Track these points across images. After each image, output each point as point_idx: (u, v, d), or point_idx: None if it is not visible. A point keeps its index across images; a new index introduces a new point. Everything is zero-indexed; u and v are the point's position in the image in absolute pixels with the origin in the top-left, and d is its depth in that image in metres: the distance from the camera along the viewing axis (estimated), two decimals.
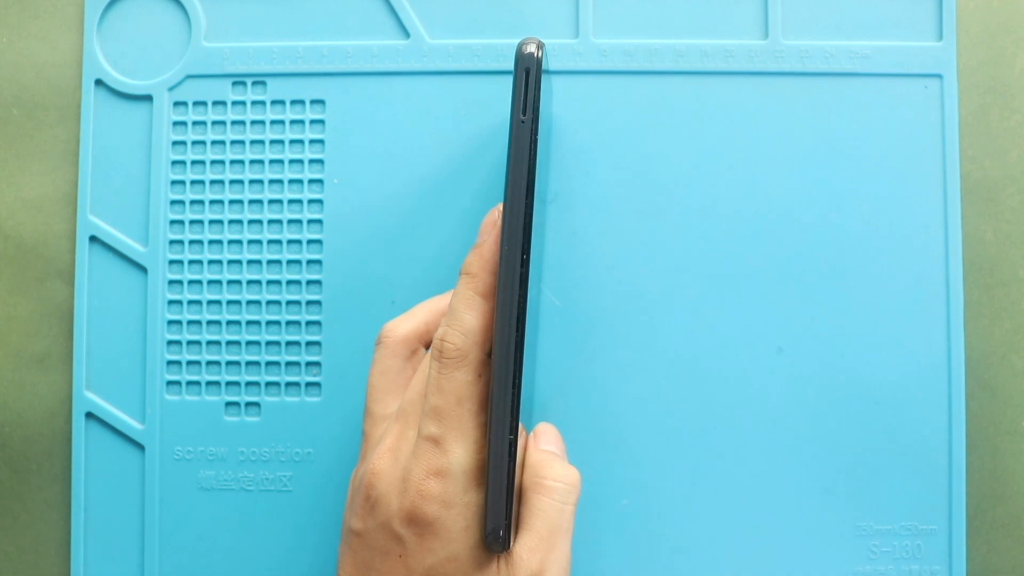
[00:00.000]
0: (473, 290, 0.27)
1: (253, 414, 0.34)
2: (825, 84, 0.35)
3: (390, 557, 0.26)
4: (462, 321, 0.26)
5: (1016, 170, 0.35)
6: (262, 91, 0.35)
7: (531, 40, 0.27)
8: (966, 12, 0.35)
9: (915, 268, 0.34)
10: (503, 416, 0.25)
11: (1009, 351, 0.35)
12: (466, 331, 0.26)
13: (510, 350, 0.26)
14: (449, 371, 0.26)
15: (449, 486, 0.26)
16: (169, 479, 0.34)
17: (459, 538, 0.26)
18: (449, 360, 0.26)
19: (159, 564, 0.34)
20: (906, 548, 0.33)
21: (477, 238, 0.28)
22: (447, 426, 0.26)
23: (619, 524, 0.33)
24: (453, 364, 0.26)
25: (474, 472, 0.26)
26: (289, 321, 0.35)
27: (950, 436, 0.34)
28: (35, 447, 0.35)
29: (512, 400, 0.26)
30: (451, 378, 0.26)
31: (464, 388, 0.26)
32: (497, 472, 0.25)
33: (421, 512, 0.26)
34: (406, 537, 0.26)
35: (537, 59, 0.26)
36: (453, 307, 0.27)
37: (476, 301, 0.27)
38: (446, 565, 0.26)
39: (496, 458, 0.25)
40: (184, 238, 0.35)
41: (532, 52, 0.26)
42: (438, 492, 0.26)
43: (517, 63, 0.26)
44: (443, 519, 0.26)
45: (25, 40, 0.36)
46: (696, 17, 0.35)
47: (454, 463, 0.26)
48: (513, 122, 0.26)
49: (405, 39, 0.35)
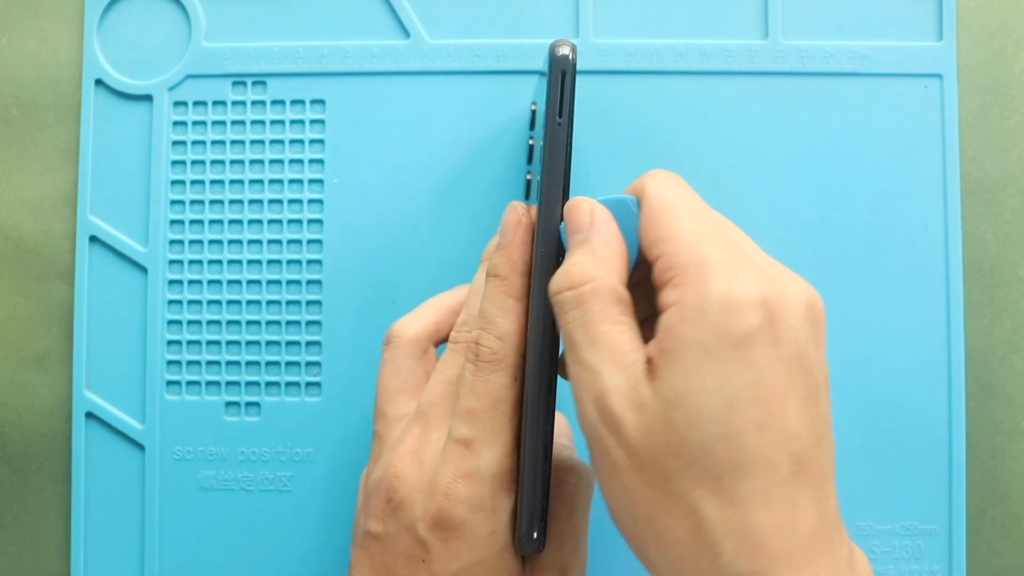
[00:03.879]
0: (505, 293, 0.26)
1: (253, 414, 0.34)
2: (825, 84, 0.35)
3: (413, 562, 0.25)
4: (497, 325, 0.26)
5: (1016, 170, 0.35)
6: (262, 91, 0.35)
7: (564, 42, 0.26)
8: (966, 12, 0.35)
9: (915, 268, 0.34)
10: (538, 418, 0.25)
11: (1009, 351, 0.35)
12: (502, 335, 0.26)
13: (545, 354, 0.25)
14: (485, 374, 0.26)
15: (478, 489, 0.25)
16: (169, 479, 0.34)
17: (486, 542, 0.25)
18: (485, 364, 0.26)
19: (159, 564, 0.34)
20: (906, 548, 0.33)
21: (500, 237, 0.27)
22: (479, 428, 0.25)
23: None
24: (489, 368, 0.26)
25: (504, 476, 0.25)
26: (289, 321, 0.35)
27: (950, 436, 0.34)
28: (35, 447, 0.35)
29: (547, 402, 0.25)
30: (487, 381, 0.26)
31: (500, 391, 0.26)
32: (532, 474, 0.25)
33: (448, 516, 0.25)
34: (431, 542, 0.25)
35: (572, 61, 0.26)
36: (485, 311, 0.26)
37: (509, 304, 0.26)
38: (472, 570, 0.25)
39: (532, 460, 0.25)
40: (184, 238, 0.35)
41: (567, 55, 0.26)
42: (467, 495, 0.25)
43: (552, 65, 0.26)
44: (471, 523, 0.25)
45: (25, 40, 0.36)
46: (696, 17, 0.35)
47: (484, 466, 0.25)
48: (548, 124, 0.26)
49: (405, 39, 0.35)
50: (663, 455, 0.22)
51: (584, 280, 0.24)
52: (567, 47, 0.26)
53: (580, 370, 0.23)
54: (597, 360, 0.23)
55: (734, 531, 0.21)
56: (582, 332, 0.23)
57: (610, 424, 0.22)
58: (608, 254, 0.24)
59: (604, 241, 0.24)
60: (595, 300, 0.23)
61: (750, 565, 0.21)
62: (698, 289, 0.22)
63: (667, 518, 0.22)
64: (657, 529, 0.22)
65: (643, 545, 0.23)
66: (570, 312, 0.24)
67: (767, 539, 0.21)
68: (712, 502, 0.21)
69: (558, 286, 0.24)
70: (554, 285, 0.24)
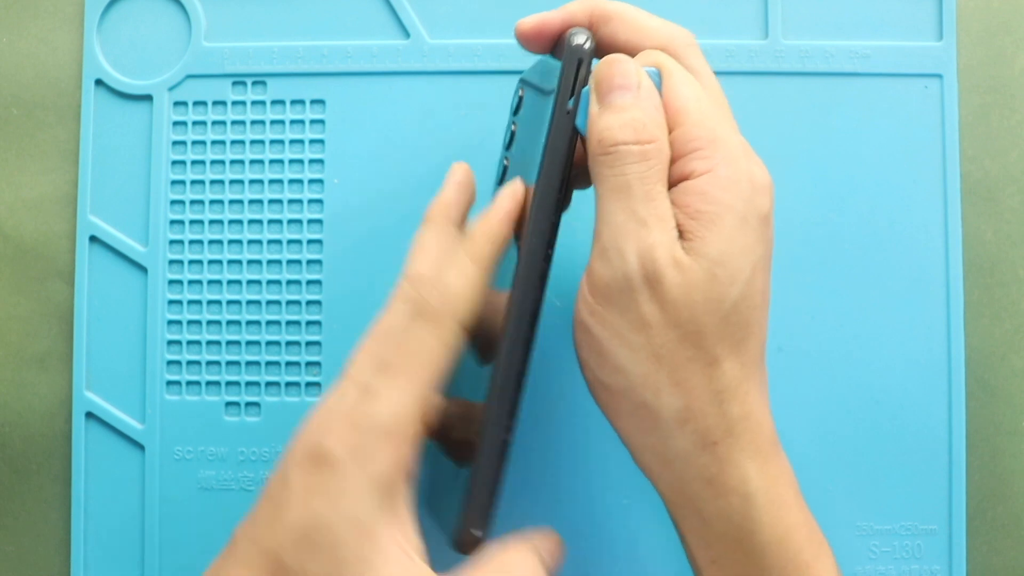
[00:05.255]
0: (467, 253, 0.25)
1: (253, 414, 0.34)
2: (825, 84, 0.35)
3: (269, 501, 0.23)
4: (446, 283, 0.25)
5: (1016, 170, 0.35)
6: (262, 91, 0.35)
7: (580, 31, 0.26)
8: (966, 12, 0.35)
9: (915, 268, 0.34)
10: (501, 415, 0.25)
11: (1009, 351, 0.35)
12: (447, 294, 0.25)
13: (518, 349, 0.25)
14: (416, 327, 0.24)
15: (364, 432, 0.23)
16: (169, 479, 0.34)
17: (353, 495, 0.23)
18: (420, 316, 0.24)
19: (159, 564, 0.34)
20: (906, 548, 0.33)
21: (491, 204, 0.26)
22: (387, 376, 0.24)
23: (620, 523, 0.33)
24: (422, 322, 0.24)
25: (390, 428, 0.23)
26: (289, 321, 0.35)
27: (950, 436, 0.34)
28: (35, 447, 0.35)
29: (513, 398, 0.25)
30: (414, 334, 0.24)
31: (422, 345, 0.24)
32: (485, 471, 0.25)
33: (321, 450, 0.23)
34: (294, 477, 0.23)
35: (588, 51, 0.26)
36: (441, 264, 0.25)
37: (466, 266, 0.25)
38: (325, 518, 0.22)
39: (487, 457, 0.25)
40: (184, 238, 0.35)
41: (581, 43, 0.26)
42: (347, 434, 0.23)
43: (567, 53, 0.26)
44: (342, 464, 0.23)
45: (25, 40, 0.36)
46: (696, 17, 0.35)
47: (375, 412, 0.23)
48: (556, 111, 0.26)
49: (405, 39, 0.35)
50: (701, 311, 0.23)
51: (651, 138, 0.24)
52: (583, 35, 0.26)
53: (628, 220, 0.24)
54: (649, 214, 0.24)
55: (740, 385, 0.24)
56: (641, 186, 0.24)
57: (652, 278, 0.23)
58: (662, 119, 0.25)
59: (657, 105, 0.25)
60: (658, 159, 0.24)
61: (741, 409, 0.24)
62: (728, 163, 0.24)
63: (688, 369, 0.24)
64: (678, 378, 0.24)
65: (658, 392, 0.24)
66: (632, 164, 0.24)
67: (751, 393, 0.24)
68: (732, 359, 0.24)
69: (623, 137, 0.24)
70: (617, 135, 0.24)
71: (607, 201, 0.24)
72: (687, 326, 0.23)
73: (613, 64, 0.25)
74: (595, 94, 0.25)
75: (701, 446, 0.24)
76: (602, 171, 0.24)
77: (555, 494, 0.34)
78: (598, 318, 0.24)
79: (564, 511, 0.34)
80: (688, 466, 0.24)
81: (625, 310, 0.24)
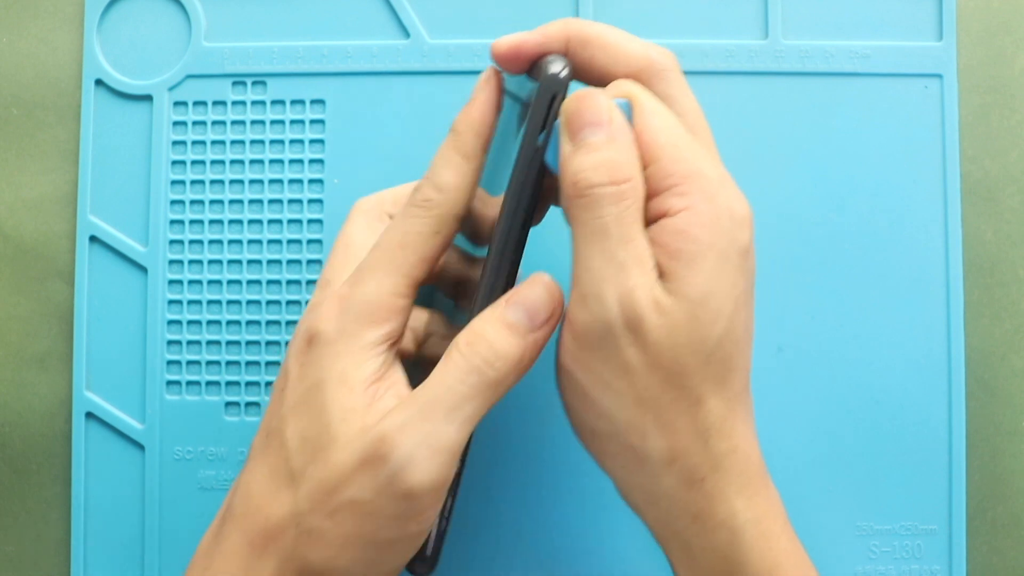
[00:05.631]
0: (455, 149, 0.26)
1: (253, 414, 0.34)
2: (825, 84, 0.35)
3: (276, 392, 0.26)
4: (439, 176, 0.26)
5: (1016, 170, 0.35)
6: (262, 91, 0.35)
7: (557, 59, 0.25)
8: (966, 12, 0.35)
9: (915, 268, 0.34)
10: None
11: (1009, 351, 0.35)
12: (440, 186, 0.25)
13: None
14: (409, 216, 0.25)
15: (344, 310, 0.25)
16: (169, 479, 0.34)
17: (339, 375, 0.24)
18: (413, 207, 0.25)
19: (159, 564, 0.34)
20: (906, 548, 0.33)
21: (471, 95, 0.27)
22: (374, 259, 0.25)
23: (619, 522, 0.33)
24: (416, 211, 0.25)
25: (372, 310, 0.25)
26: (289, 321, 0.35)
27: (950, 436, 0.34)
28: (35, 447, 0.35)
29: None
30: (407, 222, 0.25)
31: (414, 237, 0.25)
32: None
33: (313, 330, 0.25)
34: (292, 364, 0.25)
35: (564, 80, 0.25)
36: (434, 161, 0.26)
37: (456, 160, 0.26)
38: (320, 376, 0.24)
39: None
40: (184, 238, 0.35)
41: (557, 72, 0.25)
42: (333, 313, 0.25)
43: (542, 82, 0.25)
44: (328, 337, 0.25)
45: (25, 40, 0.36)
46: (696, 17, 0.35)
47: (358, 292, 0.25)
48: (524, 145, 0.25)
49: (405, 39, 0.35)
50: (684, 353, 0.23)
51: (625, 178, 0.24)
52: (559, 64, 0.25)
53: (606, 265, 0.23)
54: (627, 257, 0.23)
55: (725, 420, 0.24)
56: (617, 228, 0.23)
57: (633, 323, 0.23)
58: (635, 156, 0.24)
59: (630, 142, 0.24)
60: (634, 198, 0.24)
61: (727, 444, 0.24)
62: (707, 199, 0.23)
63: (673, 410, 0.24)
64: (664, 420, 0.24)
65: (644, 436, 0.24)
66: (607, 207, 0.23)
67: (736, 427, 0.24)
68: (716, 396, 0.24)
69: (597, 179, 0.24)
70: (591, 177, 0.24)
71: (584, 245, 0.24)
72: (670, 368, 0.23)
73: (583, 100, 0.24)
74: (566, 131, 0.25)
75: (688, 484, 0.24)
76: (578, 214, 0.24)
77: (548, 494, 0.34)
78: (581, 364, 0.24)
79: (557, 512, 0.34)
80: (675, 503, 0.24)
81: (608, 357, 0.24)
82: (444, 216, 0.25)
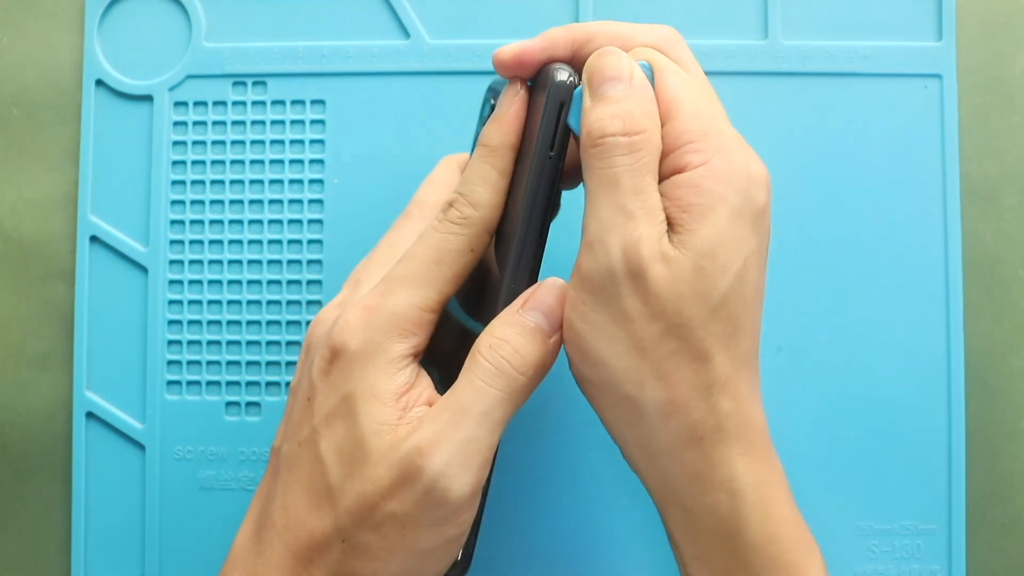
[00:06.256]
0: (491, 165, 0.26)
1: (253, 414, 0.35)
2: (825, 84, 0.35)
3: (304, 405, 0.25)
4: (474, 192, 0.26)
5: (1016, 170, 0.35)
6: (262, 91, 0.35)
7: (562, 67, 0.25)
8: (966, 12, 0.35)
9: (915, 268, 0.34)
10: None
11: (1009, 351, 0.35)
12: (476, 203, 0.25)
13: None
14: (443, 231, 0.25)
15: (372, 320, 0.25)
16: (169, 479, 0.34)
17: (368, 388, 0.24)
18: (449, 223, 0.25)
19: (159, 564, 0.34)
20: (906, 548, 0.33)
21: (496, 109, 0.26)
22: (408, 270, 0.25)
23: (619, 522, 0.33)
24: (451, 227, 0.25)
25: (403, 321, 0.25)
26: (289, 321, 0.35)
27: (950, 436, 0.34)
28: (35, 447, 0.35)
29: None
30: (443, 237, 0.25)
31: (449, 253, 0.25)
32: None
33: (339, 343, 0.25)
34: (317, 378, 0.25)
35: (570, 87, 0.25)
36: (467, 177, 0.26)
37: (492, 176, 0.26)
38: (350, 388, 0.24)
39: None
40: (184, 238, 0.35)
41: (564, 80, 0.25)
42: (360, 324, 0.25)
43: (550, 91, 0.25)
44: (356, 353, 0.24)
45: (25, 40, 0.36)
46: (696, 17, 0.35)
47: (389, 303, 0.25)
48: (536, 153, 0.25)
49: (405, 39, 0.35)
50: (687, 304, 0.23)
51: (640, 129, 0.24)
52: (565, 72, 0.25)
53: (615, 214, 0.23)
54: (636, 207, 0.23)
55: (730, 380, 0.24)
56: (629, 178, 0.24)
57: (634, 272, 0.23)
58: (654, 111, 0.24)
59: (649, 98, 0.25)
60: (647, 151, 0.24)
61: (731, 405, 0.24)
62: (723, 155, 0.24)
63: (673, 362, 0.23)
64: (663, 371, 0.23)
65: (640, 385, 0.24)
66: (620, 156, 0.24)
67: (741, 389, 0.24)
68: (721, 353, 0.24)
69: (612, 128, 0.24)
70: (606, 127, 0.24)
71: (595, 194, 0.24)
72: (672, 319, 0.23)
73: (604, 56, 0.25)
74: (587, 87, 0.25)
75: (687, 441, 0.24)
76: (591, 163, 0.24)
77: (551, 494, 0.34)
78: (579, 312, 0.24)
79: (560, 512, 0.34)
80: (673, 461, 0.24)
81: (607, 303, 0.24)
82: (479, 233, 0.26)
